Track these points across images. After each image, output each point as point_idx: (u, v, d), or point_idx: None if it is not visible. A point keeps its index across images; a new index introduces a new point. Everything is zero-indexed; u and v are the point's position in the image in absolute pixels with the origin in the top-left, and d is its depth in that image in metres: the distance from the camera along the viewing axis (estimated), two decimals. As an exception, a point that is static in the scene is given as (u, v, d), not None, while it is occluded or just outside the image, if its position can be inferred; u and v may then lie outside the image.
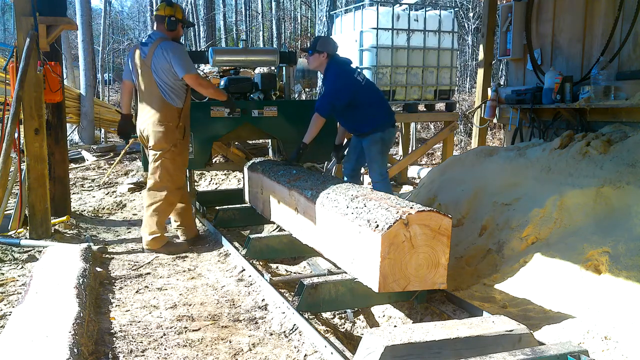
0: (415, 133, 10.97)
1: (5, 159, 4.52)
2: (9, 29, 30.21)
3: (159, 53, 4.33)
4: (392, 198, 3.00)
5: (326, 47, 4.48)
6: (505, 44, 5.84)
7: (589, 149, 4.08)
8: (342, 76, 4.47)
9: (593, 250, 3.45)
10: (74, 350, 2.39)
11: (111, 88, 24.62)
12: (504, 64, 13.76)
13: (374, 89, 4.67)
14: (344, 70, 4.54)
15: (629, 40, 4.51)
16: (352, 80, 4.49)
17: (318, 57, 4.49)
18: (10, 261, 4.16)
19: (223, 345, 2.80)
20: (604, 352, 2.51)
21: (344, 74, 4.50)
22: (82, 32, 11.29)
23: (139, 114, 4.59)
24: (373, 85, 4.69)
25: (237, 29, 29.86)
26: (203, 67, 8.48)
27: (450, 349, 2.30)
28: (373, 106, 4.53)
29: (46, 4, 4.69)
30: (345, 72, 4.52)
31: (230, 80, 5.60)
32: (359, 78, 4.53)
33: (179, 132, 4.48)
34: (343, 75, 4.48)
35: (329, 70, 4.49)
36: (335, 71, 4.48)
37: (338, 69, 4.49)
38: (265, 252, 4.07)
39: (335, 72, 4.47)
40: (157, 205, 4.49)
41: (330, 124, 5.52)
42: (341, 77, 4.46)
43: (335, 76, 4.45)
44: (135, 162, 9.30)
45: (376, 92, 4.66)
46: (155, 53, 4.35)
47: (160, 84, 4.38)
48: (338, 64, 4.53)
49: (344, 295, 3.04)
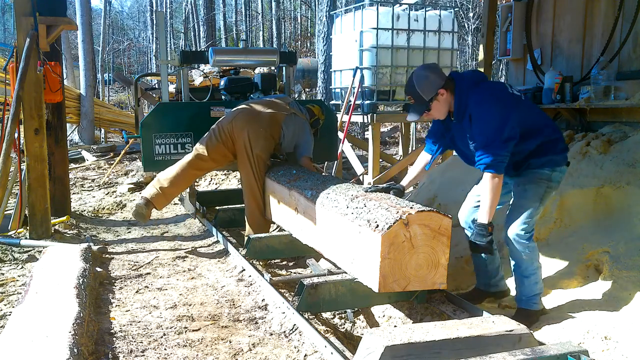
0: (415, 133, 10.97)
1: (5, 159, 4.52)
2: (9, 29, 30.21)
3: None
4: (392, 198, 3.00)
5: (435, 83, 2.91)
6: (505, 44, 5.84)
7: (589, 149, 4.09)
8: (497, 98, 2.85)
9: (593, 250, 3.46)
10: (74, 350, 2.40)
11: (111, 88, 24.63)
12: (504, 64, 13.76)
13: (536, 106, 3.20)
14: (492, 88, 2.94)
15: (629, 40, 4.51)
16: (512, 99, 2.88)
17: (440, 104, 2.95)
18: (10, 261, 4.16)
19: (223, 345, 2.81)
20: (604, 352, 2.51)
21: (498, 93, 2.89)
22: (82, 32, 11.29)
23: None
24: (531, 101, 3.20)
25: (237, 29, 29.86)
26: (203, 67, 8.47)
27: (450, 349, 2.30)
28: (544, 131, 2.95)
29: (46, 4, 4.69)
30: (496, 89, 2.93)
31: (230, 80, 5.60)
32: (515, 92, 2.97)
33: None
34: (497, 95, 2.87)
35: (469, 98, 2.87)
36: (481, 97, 2.85)
37: (484, 91, 2.87)
38: (265, 252, 4.07)
39: (482, 98, 2.84)
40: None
41: (330, 124, 5.55)
42: (496, 99, 2.84)
43: (488, 102, 2.82)
44: (135, 162, 9.30)
45: (540, 111, 3.10)
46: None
47: None
48: (474, 85, 2.91)
49: (344, 295, 3.04)
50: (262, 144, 4.41)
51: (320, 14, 12.09)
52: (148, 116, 5.06)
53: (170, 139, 5.03)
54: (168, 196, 4.57)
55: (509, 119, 2.77)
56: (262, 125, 4.42)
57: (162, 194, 4.51)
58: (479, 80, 2.94)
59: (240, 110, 4.56)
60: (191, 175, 4.67)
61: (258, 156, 4.40)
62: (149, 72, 17.09)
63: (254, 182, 4.43)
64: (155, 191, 4.51)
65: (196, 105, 5.20)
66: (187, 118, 5.06)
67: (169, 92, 5.29)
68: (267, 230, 4.53)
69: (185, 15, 27.71)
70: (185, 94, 5.28)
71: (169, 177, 4.53)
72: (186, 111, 5.10)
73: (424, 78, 2.91)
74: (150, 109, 7.17)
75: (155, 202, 4.51)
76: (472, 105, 2.84)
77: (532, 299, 2.96)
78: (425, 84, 2.90)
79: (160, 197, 4.52)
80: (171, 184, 4.51)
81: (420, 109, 2.95)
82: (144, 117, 5.14)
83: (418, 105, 2.95)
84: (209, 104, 5.21)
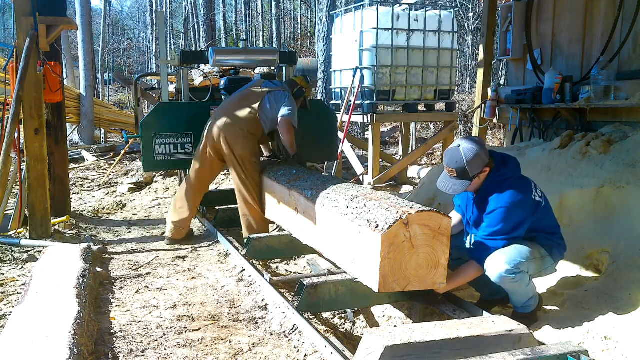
0: (415, 133, 10.97)
1: (5, 159, 4.53)
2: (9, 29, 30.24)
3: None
4: (392, 198, 3.00)
5: (482, 161, 2.87)
6: (505, 44, 5.84)
7: (589, 149, 4.08)
8: (520, 198, 2.82)
9: (593, 250, 3.46)
10: (74, 350, 2.40)
11: (111, 88, 24.63)
12: (504, 64, 13.76)
13: (552, 213, 3.08)
14: (522, 186, 2.89)
15: (629, 40, 4.51)
16: (531, 204, 2.87)
17: (479, 180, 2.92)
18: (10, 261, 4.16)
19: (223, 345, 2.81)
20: (604, 352, 2.51)
21: (524, 192, 2.85)
22: (82, 32, 11.29)
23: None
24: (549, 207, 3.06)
25: (237, 29, 29.87)
26: (203, 67, 8.47)
27: (450, 349, 2.30)
28: (552, 237, 2.98)
29: (46, 4, 4.69)
30: (524, 188, 2.88)
31: (230, 80, 5.60)
32: (538, 197, 2.92)
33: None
34: (521, 194, 2.83)
35: (497, 187, 2.86)
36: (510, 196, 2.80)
37: (510, 193, 2.82)
38: (265, 252, 4.07)
39: (511, 196, 2.80)
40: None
41: (330, 124, 5.55)
42: (519, 200, 2.81)
43: (508, 204, 2.80)
44: (135, 162, 9.30)
45: (554, 218, 3.07)
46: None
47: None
48: (505, 179, 2.89)
49: (344, 295, 3.04)
50: (242, 142, 4.42)
51: (320, 14, 12.09)
52: (148, 116, 5.06)
53: (170, 139, 5.03)
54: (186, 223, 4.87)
55: (521, 225, 2.82)
56: (237, 125, 4.43)
57: (180, 228, 4.83)
58: (511, 176, 2.90)
59: (214, 118, 4.62)
60: (198, 198, 4.89)
61: (241, 156, 4.42)
62: (149, 72, 17.09)
63: (243, 183, 4.46)
64: (172, 227, 4.82)
65: (196, 105, 5.20)
66: (187, 118, 5.05)
67: (169, 92, 5.29)
68: (264, 231, 4.52)
69: (185, 15, 27.72)
70: (185, 94, 5.27)
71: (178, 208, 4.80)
72: (186, 111, 5.09)
73: (475, 154, 2.85)
74: (150, 109, 7.17)
75: (175, 236, 4.85)
76: (494, 198, 2.84)
77: (526, 303, 2.95)
78: (475, 160, 2.84)
79: (179, 231, 4.84)
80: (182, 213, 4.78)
81: (464, 184, 2.88)
82: (144, 117, 5.13)
83: (461, 180, 2.88)
84: (209, 104, 5.21)
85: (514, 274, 2.77)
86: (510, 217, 2.79)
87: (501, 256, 2.80)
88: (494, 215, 2.83)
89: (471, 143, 2.89)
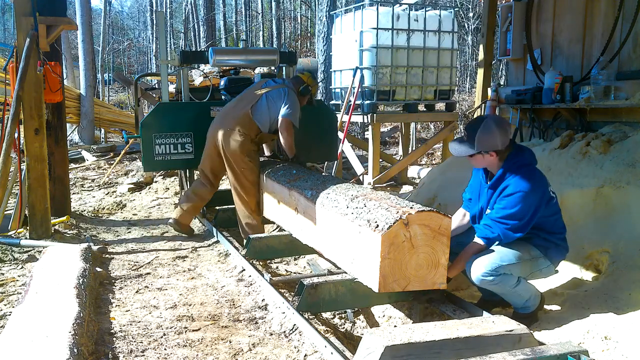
0: (415, 133, 10.97)
1: (5, 159, 4.53)
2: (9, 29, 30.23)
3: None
4: (392, 198, 3.00)
5: (493, 143, 2.84)
6: (505, 44, 5.84)
7: (589, 149, 4.08)
8: (538, 186, 2.81)
9: (593, 250, 3.46)
10: (74, 350, 2.40)
11: (111, 88, 24.63)
12: (504, 64, 13.76)
13: (559, 212, 3.02)
14: (540, 175, 2.88)
15: (629, 40, 4.51)
16: (547, 195, 2.87)
17: (483, 159, 2.92)
18: (10, 261, 4.16)
19: (223, 345, 2.81)
20: (604, 352, 2.51)
21: (540, 181, 2.84)
22: (82, 32, 11.30)
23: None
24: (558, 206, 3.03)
25: (237, 29, 29.86)
26: (203, 67, 8.47)
27: (450, 349, 2.30)
28: (551, 237, 2.95)
29: (46, 4, 4.69)
30: (541, 178, 2.87)
31: (230, 80, 5.60)
32: (551, 191, 2.94)
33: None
34: (539, 183, 2.83)
35: (514, 175, 2.83)
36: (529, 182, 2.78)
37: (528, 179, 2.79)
38: (265, 252, 4.07)
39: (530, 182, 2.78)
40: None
41: (330, 124, 5.55)
42: (537, 187, 2.80)
43: (530, 185, 2.78)
44: (135, 162, 9.30)
45: (560, 218, 3.02)
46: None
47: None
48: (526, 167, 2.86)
49: (344, 295, 3.04)
50: (234, 142, 4.47)
51: (320, 14, 12.09)
52: (148, 116, 5.06)
53: (170, 139, 5.03)
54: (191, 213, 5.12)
55: (535, 213, 2.79)
56: (230, 125, 4.51)
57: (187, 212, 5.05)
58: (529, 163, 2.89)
59: (212, 123, 4.76)
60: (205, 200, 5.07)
61: (233, 155, 4.48)
62: (149, 72, 17.09)
63: (237, 181, 4.53)
64: (181, 211, 5.03)
65: (196, 105, 5.20)
66: (187, 118, 5.06)
67: (169, 92, 5.29)
68: (259, 230, 4.55)
69: (185, 15, 27.71)
70: (185, 94, 5.27)
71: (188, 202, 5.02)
72: (186, 111, 5.10)
73: (490, 132, 2.83)
74: (150, 109, 7.17)
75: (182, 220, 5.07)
76: (513, 182, 2.81)
77: (524, 304, 2.94)
78: (487, 137, 2.83)
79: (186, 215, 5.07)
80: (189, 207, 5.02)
81: (467, 151, 2.90)
82: (144, 117, 5.14)
83: (467, 146, 2.90)
84: (209, 104, 5.21)
85: (493, 277, 2.79)
86: (526, 203, 2.76)
87: (482, 259, 2.83)
88: (512, 198, 2.78)
89: (495, 123, 2.86)
